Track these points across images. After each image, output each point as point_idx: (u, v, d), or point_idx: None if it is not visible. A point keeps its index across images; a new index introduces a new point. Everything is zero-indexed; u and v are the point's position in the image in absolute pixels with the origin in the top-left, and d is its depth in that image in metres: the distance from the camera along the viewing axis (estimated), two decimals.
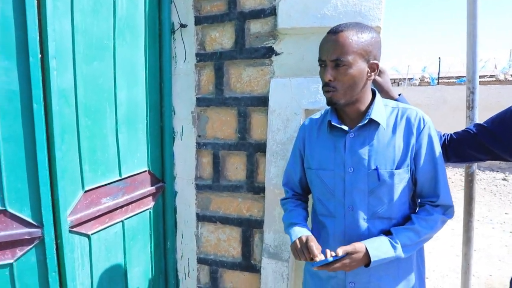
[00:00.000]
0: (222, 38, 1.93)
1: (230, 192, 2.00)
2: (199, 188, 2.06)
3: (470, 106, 1.84)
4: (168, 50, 1.97)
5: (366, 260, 1.17)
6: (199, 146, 2.03)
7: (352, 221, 1.28)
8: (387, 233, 1.26)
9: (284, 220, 1.43)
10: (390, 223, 1.28)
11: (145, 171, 1.92)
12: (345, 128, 1.26)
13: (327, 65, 1.18)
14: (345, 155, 1.27)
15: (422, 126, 1.25)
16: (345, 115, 1.29)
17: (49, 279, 1.42)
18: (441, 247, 4.52)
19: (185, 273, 2.16)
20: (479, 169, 8.00)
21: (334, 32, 1.17)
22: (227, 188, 2.00)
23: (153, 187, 1.97)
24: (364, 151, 1.25)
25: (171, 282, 2.14)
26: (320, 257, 1.14)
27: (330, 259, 1.13)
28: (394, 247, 1.20)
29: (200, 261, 2.11)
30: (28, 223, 1.38)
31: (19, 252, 1.38)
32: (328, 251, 1.15)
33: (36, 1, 1.31)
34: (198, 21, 1.95)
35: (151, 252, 2.00)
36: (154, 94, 1.95)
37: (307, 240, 1.20)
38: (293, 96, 1.76)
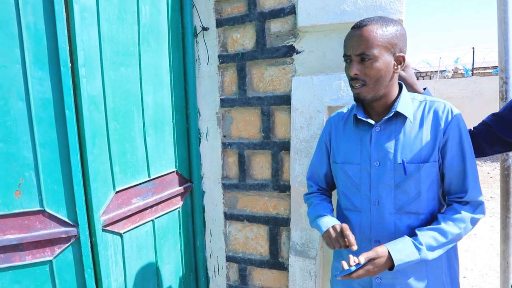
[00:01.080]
0: (243, 39, 1.96)
1: (256, 191, 2.02)
2: (225, 187, 2.10)
3: (504, 97, 1.77)
4: (191, 53, 2.02)
5: (390, 263, 1.15)
6: (225, 146, 2.07)
7: (378, 215, 1.27)
8: (412, 233, 1.23)
9: (309, 214, 1.43)
10: (418, 219, 1.25)
11: (173, 171, 1.98)
12: (371, 121, 1.26)
13: (352, 60, 1.18)
14: (371, 148, 1.26)
15: (450, 118, 1.22)
16: (371, 109, 1.28)
17: (85, 276, 1.50)
18: (480, 245, 4.34)
19: (214, 271, 2.21)
20: None
21: (358, 26, 1.17)
22: (253, 187, 2.02)
23: (181, 187, 2.03)
24: (390, 145, 1.24)
25: (202, 280, 2.19)
26: (365, 256, 1.12)
27: (353, 268, 1.12)
28: (418, 249, 1.16)
29: (229, 259, 2.15)
30: (64, 223, 1.46)
31: (57, 250, 1.46)
32: (351, 257, 1.13)
33: (65, 13, 1.39)
34: (220, 23, 1.98)
35: (181, 250, 2.06)
36: (179, 97, 2.01)
37: (341, 228, 1.20)
38: (315, 94, 1.76)
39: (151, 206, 1.83)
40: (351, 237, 1.17)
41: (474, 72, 12.22)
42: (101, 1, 1.53)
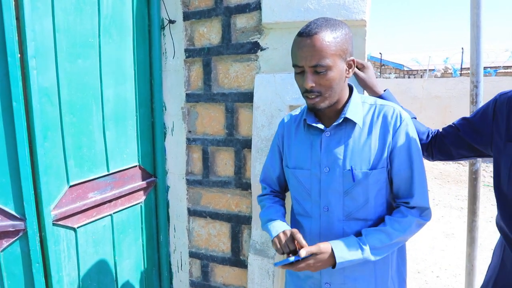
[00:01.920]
0: (210, 33, 1.93)
1: (220, 188, 2.01)
2: (189, 183, 2.08)
3: (474, 101, 1.75)
4: (157, 46, 1.99)
5: (332, 261, 1.15)
6: (189, 141, 2.05)
7: (328, 222, 1.26)
8: (359, 234, 1.23)
9: (261, 217, 1.42)
10: (366, 225, 1.24)
11: (136, 166, 1.96)
12: (321, 126, 1.24)
13: (306, 71, 1.13)
14: (321, 154, 1.25)
15: (398, 123, 1.21)
16: (322, 114, 1.26)
17: (33, 270, 1.48)
18: (456, 244, 4.38)
19: (178, 266, 2.20)
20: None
21: (308, 35, 1.11)
22: (217, 183, 2.01)
23: (144, 182, 2.01)
24: (340, 151, 1.23)
25: (165, 275, 2.19)
26: (307, 249, 1.11)
27: (292, 259, 1.12)
28: (362, 249, 1.17)
29: (192, 255, 2.14)
30: (12, 216, 1.44)
31: (5, 243, 1.44)
32: (300, 251, 1.13)
33: (14, 3, 1.35)
34: (187, 16, 1.95)
35: (143, 245, 2.05)
36: (144, 90, 1.98)
37: (291, 233, 1.19)
38: (277, 92, 1.74)
39: (110, 201, 1.81)
40: (302, 240, 1.16)
41: (463, 72, 12.24)
42: None
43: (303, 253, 1.12)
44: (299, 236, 1.18)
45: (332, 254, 1.15)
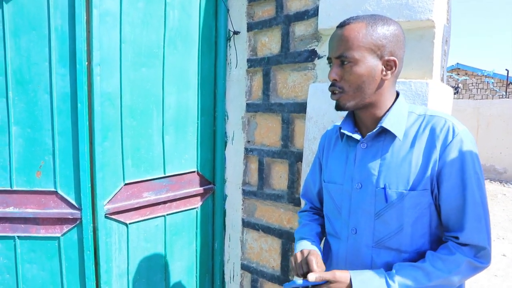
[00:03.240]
0: (271, 43, 1.90)
1: (273, 201, 1.94)
2: (245, 193, 2.05)
3: None
4: (223, 57, 2.05)
5: None
6: (247, 151, 2.03)
7: (355, 246, 1.10)
8: (390, 268, 1.03)
9: (295, 235, 1.31)
10: (399, 257, 1.04)
11: (194, 171, 2.02)
12: (357, 137, 1.09)
13: (332, 63, 1.05)
14: (354, 168, 1.10)
15: (450, 139, 0.98)
16: (360, 122, 1.12)
17: (85, 256, 1.64)
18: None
19: (230, 277, 2.18)
20: None
21: (341, 25, 1.03)
22: (270, 196, 1.94)
23: (201, 188, 2.06)
24: (374, 165, 1.06)
25: (217, 283, 2.18)
26: (318, 275, 0.98)
27: (300, 281, 0.99)
28: (388, 286, 0.97)
29: (244, 267, 2.10)
30: (72, 205, 1.62)
31: (65, 228, 1.63)
32: (309, 275, 0.99)
33: (85, 17, 1.55)
34: (250, 27, 1.96)
35: (196, 250, 2.09)
36: (207, 99, 2.05)
37: (308, 253, 1.06)
38: (331, 103, 1.60)
39: (164, 202, 1.90)
40: (314, 263, 1.02)
41: None
42: (124, 7, 1.65)
43: (311, 277, 0.98)
44: (311, 258, 1.03)
45: (350, 286, 0.98)
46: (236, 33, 2.00)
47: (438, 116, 1.03)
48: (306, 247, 1.14)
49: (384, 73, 1.02)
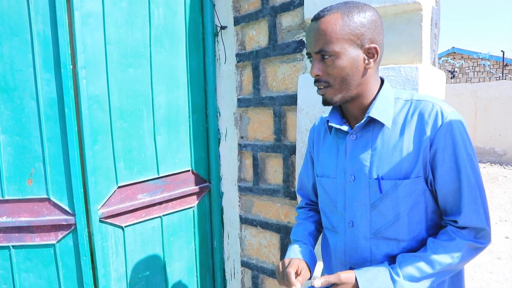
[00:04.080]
0: (258, 36, 1.87)
1: (269, 196, 1.92)
2: (241, 190, 2.04)
3: None
4: (211, 53, 2.02)
5: None
6: (241, 147, 2.01)
7: (352, 239, 1.08)
8: (392, 258, 1.02)
9: (290, 236, 1.30)
10: (398, 246, 1.02)
11: (188, 170, 2.01)
12: (345, 128, 1.07)
13: (313, 59, 1.01)
14: (345, 160, 1.08)
15: (439, 123, 0.96)
16: (348, 113, 1.09)
17: (81, 262, 1.62)
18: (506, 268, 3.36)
19: (231, 274, 2.17)
20: None
21: (316, 18, 0.99)
22: (266, 191, 1.92)
23: (197, 187, 2.04)
24: (366, 157, 1.04)
25: (218, 282, 2.17)
26: (323, 280, 0.96)
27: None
28: (393, 281, 0.95)
29: (244, 264, 2.09)
30: (65, 211, 1.60)
31: (60, 235, 1.61)
32: (314, 280, 0.98)
33: (67, 20, 1.52)
34: (237, 21, 1.93)
35: (195, 249, 2.07)
36: (198, 96, 2.02)
37: (288, 263, 1.04)
38: None
39: (160, 203, 1.88)
40: (291, 276, 0.99)
41: None
42: (107, 7, 1.63)
43: (317, 283, 0.95)
44: (289, 271, 1.00)
45: (356, 286, 0.96)
46: (223, 28, 1.98)
47: (425, 100, 1.01)
48: (290, 255, 1.12)
49: (366, 61, 0.99)
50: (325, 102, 1.03)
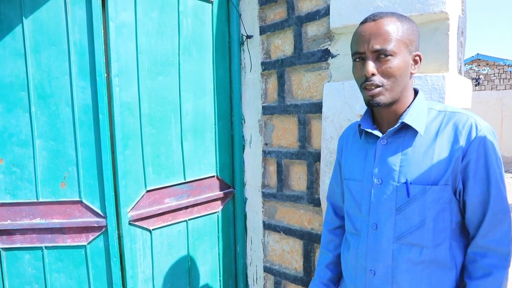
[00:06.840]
0: (284, 45, 1.91)
1: (293, 203, 1.93)
2: (265, 196, 2.06)
3: None
4: (237, 61, 2.07)
5: None
6: (265, 154, 2.04)
7: (375, 242, 1.09)
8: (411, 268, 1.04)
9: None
10: (420, 252, 1.03)
11: (213, 176, 2.04)
12: (377, 133, 1.09)
13: (367, 58, 1.00)
14: (374, 164, 1.10)
15: (474, 135, 0.98)
16: (381, 118, 1.11)
17: (111, 263, 1.67)
18: None
19: (253, 280, 2.18)
20: None
21: (372, 19, 1.01)
22: (290, 198, 1.94)
23: (221, 192, 2.08)
24: (395, 161, 1.06)
25: (241, 286, 2.19)
26: None
27: None
28: None
29: (266, 269, 2.10)
30: (97, 214, 1.66)
31: (91, 237, 1.67)
32: None
33: (103, 30, 1.60)
34: (263, 30, 1.98)
35: (219, 254, 2.10)
36: (223, 104, 2.07)
37: None
38: (346, 101, 1.60)
39: (186, 207, 1.93)
40: None
41: None
42: (139, 18, 1.69)
43: None
44: None
45: None
46: (249, 37, 2.02)
47: (459, 112, 1.03)
48: None
49: (412, 68, 1.04)
50: (373, 104, 1.02)
